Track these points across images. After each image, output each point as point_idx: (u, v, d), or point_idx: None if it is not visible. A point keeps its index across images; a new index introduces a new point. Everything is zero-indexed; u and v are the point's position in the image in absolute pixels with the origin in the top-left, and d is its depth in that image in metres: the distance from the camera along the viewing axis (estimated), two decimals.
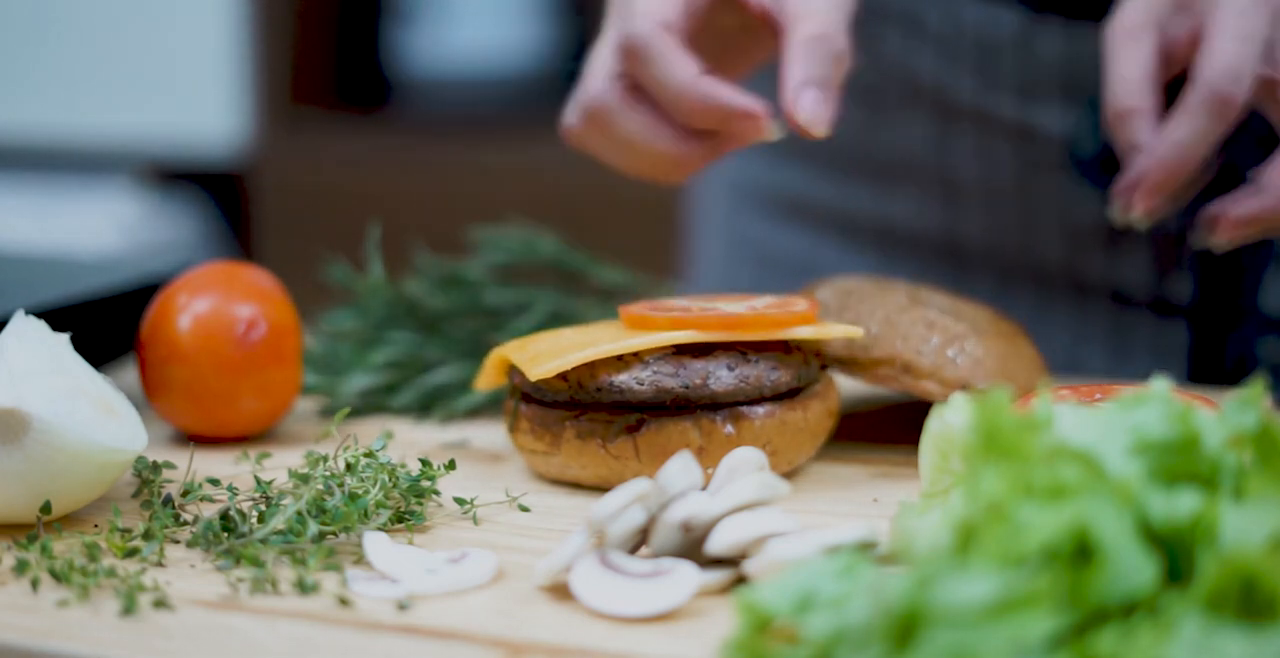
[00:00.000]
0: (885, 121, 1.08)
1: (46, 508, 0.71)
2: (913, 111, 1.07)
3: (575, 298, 0.99)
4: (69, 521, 0.74)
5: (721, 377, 0.77)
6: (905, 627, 0.48)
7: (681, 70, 0.80)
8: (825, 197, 1.13)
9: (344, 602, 0.64)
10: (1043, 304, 1.07)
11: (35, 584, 0.65)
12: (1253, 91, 0.82)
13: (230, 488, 0.74)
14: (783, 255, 1.16)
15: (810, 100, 0.80)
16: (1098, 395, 0.74)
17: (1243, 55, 0.81)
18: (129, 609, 0.63)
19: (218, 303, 0.87)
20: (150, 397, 0.88)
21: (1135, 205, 0.84)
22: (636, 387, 0.77)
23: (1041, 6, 1.00)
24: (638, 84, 0.83)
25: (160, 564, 0.69)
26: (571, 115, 0.86)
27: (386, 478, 0.73)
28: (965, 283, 1.09)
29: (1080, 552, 0.49)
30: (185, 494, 0.76)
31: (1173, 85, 0.85)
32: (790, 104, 0.81)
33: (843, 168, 1.12)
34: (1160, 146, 0.82)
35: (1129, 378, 1.05)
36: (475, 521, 0.74)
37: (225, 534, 0.70)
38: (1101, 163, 1.01)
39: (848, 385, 0.94)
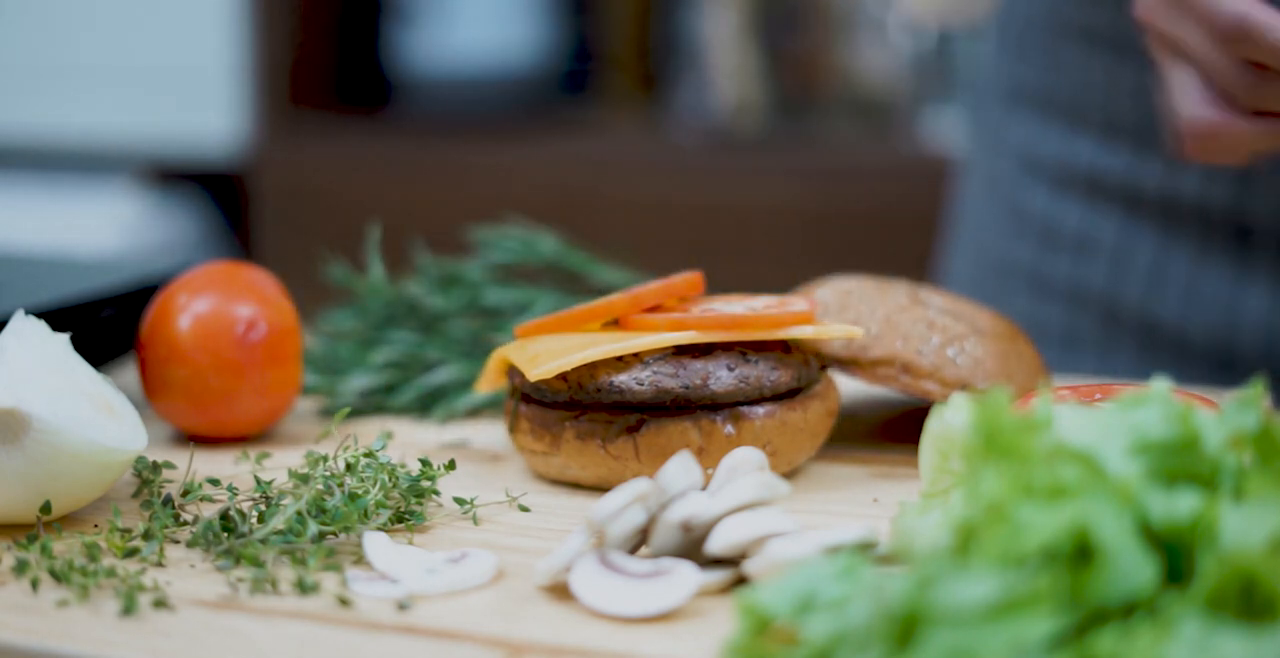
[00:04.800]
0: None
1: (46, 508, 0.71)
2: None
3: (575, 298, 0.99)
4: (69, 521, 0.74)
5: (721, 377, 0.77)
6: (905, 628, 0.48)
7: None
8: (1113, 168, 1.11)
9: (344, 602, 0.64)
10: None
11: (35, 584, 0.65)
12: None
13: (230, 488, 0.74)
14: (1063, 229, 1.14)
15: None
16: (1098, 395, 0.74)
17: None
18: (129, 609, 0.63)
19: (218, 303, 0.87)
20: (150, 397, 0.88)
21: None
22: (636, 387, 0.77)
23: None
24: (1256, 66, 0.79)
25: (160, 564, 0.69)
26: (1193, 116, 0.83)
27: (386, 478, 0.73)
28: (1247, 261, 1.07)
29: (1080, 552, 0.49)
30: (185, 494, 0.76)
31: None
32: None
33: (1138, 139, 1.09)
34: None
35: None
36: (475, 521, 0.74)
37: (225, 534, 0.70)
38: None
39: (848, 385, 0.94)
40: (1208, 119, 0.81)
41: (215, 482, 0.76)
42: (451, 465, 0.76)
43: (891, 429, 0.89)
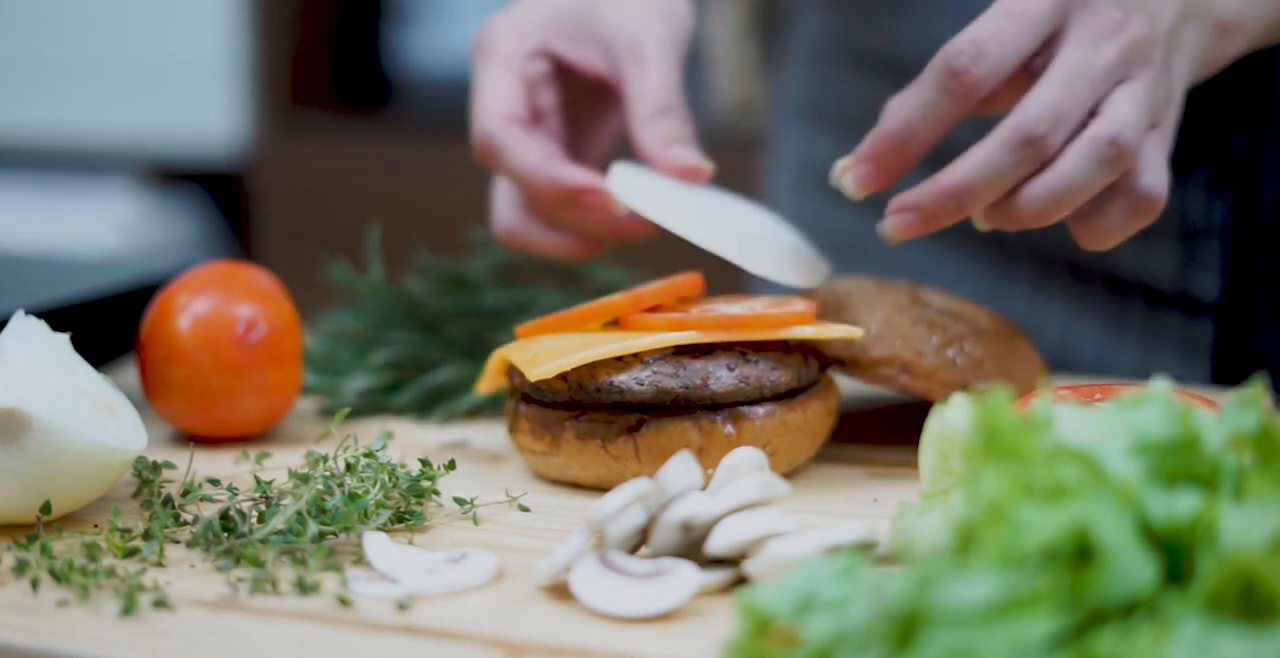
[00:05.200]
0: None
1: (46, 508, 0.71)
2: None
3: (575, 298, 0.99)
4: (69, 521, 0.74)
5: (721, 377, 0.77)
6: (905, 628, 0.48)
7: (528, 156, 0.86)
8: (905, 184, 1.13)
9: (344, 602, 0.64)
10: (1077, 300, 1.07)
11: (35, 584, 0.65)
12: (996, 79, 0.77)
13: (230, 488, 0.74)
14: (840, 238, 1.16)
15: (681, 150, 0.87)
16: (1098, 395, 0.74)
17: (988, 32, 0.76)
18: (129, 609, 0.63)
19: (218, 303, 0.87)
20: (150, 397, 0.88)
21: (852, 174, 0.80)
22: (636, 387, 0.77)
23: None
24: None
25: (160, 564, 0.69)
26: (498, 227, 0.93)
27: (386, 478, 0.73)
28: (1004, 277, 1.09)
29: (1080, 552, 0.49)
30: (185, 494, 0.76)
31: None
32: (664, 162, 0.87)
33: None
34: (887, 119, 0.79)
35: (1157, 376, 1.05)
36: (475, 521, 0.74)
37: (225, 534, 0.70)
38: None
39: (848, 385, 0.94)
40: (507, 223, 0.92)
41: (215, 482, 0.76)
42: (451, 465, 0.76)
43: (891, 429, 0.89)
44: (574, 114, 0.95)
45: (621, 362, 0.78)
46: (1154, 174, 0.77)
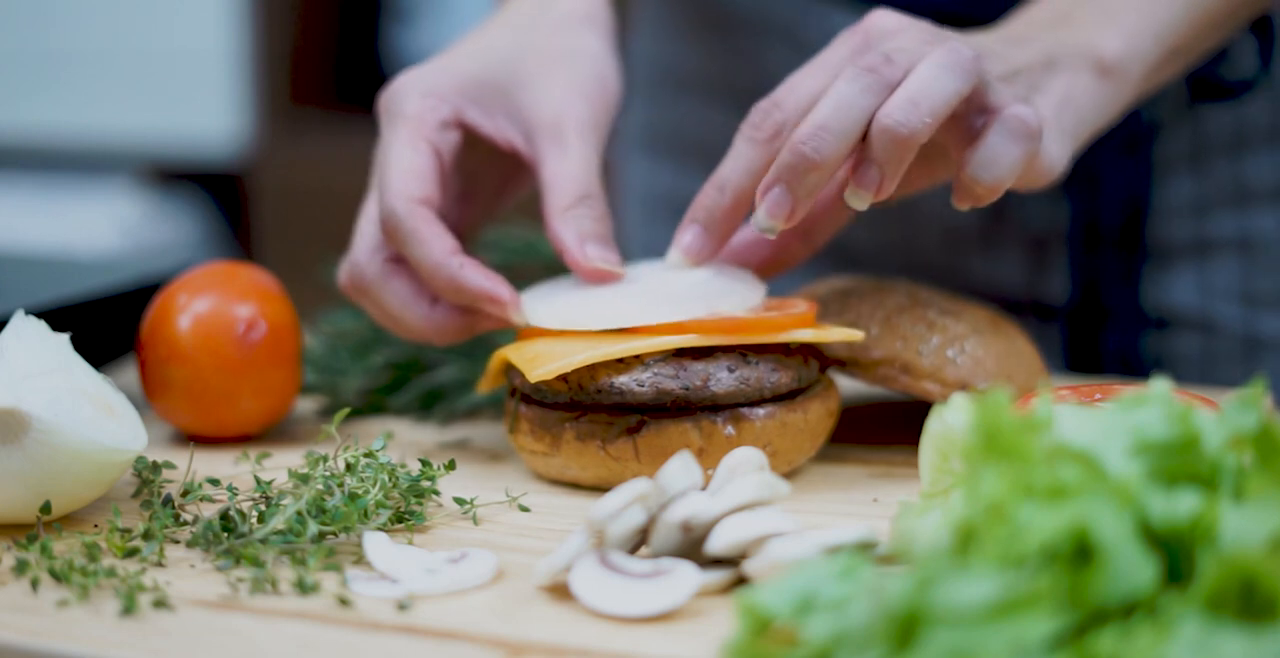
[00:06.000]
0: None
1: (46, 508, 0.71)
2: None
3: None
4: (69, 521, 0.74)
5: (721, 378, 0.77)
6: (905, 628, 0.48)
7: (434, 250, 0.81)
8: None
9: (344, 602, 0.64)
10: None
11: (35, 584, 0.65)
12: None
13: (230, 488, 0.74)
14: None
15: (595, 249, 0.82)
16: (1097, 396, 0.74)
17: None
18: (129, 609, 0.63)
19: (218, 303, 0.87)
20: (150, 397, 0.88)
21: (680, 247, 0.81)
22: (637, 388, 0.77)
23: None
24: (399, 257, 0.84)
25: (160, 564, 0.69)
26: (342, 276, 0.87)
27: (386, 478, 0.73)
28: None
29: (1080, 552, 0.49)
30: (185, 494, 0.76)
31: None
32: (577, 262, 0.81)
33: None
34: (704, 188, 0.80)
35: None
36: (475, 521, 0.74)
37: (225, 534, 0.70)
38: None
39: (848, 385, 0.94)
40: (362, 267, 0.85)
41: (215, 482, 0.76)
42: (451, 465, 0.76)
43: (891, 429, 0.89)
44: (476, 177, 0.91)
45: (622, 363, 0.78)
46: (1021, 103, 0.77)
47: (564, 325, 0.79)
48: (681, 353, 0.78)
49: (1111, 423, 0.54)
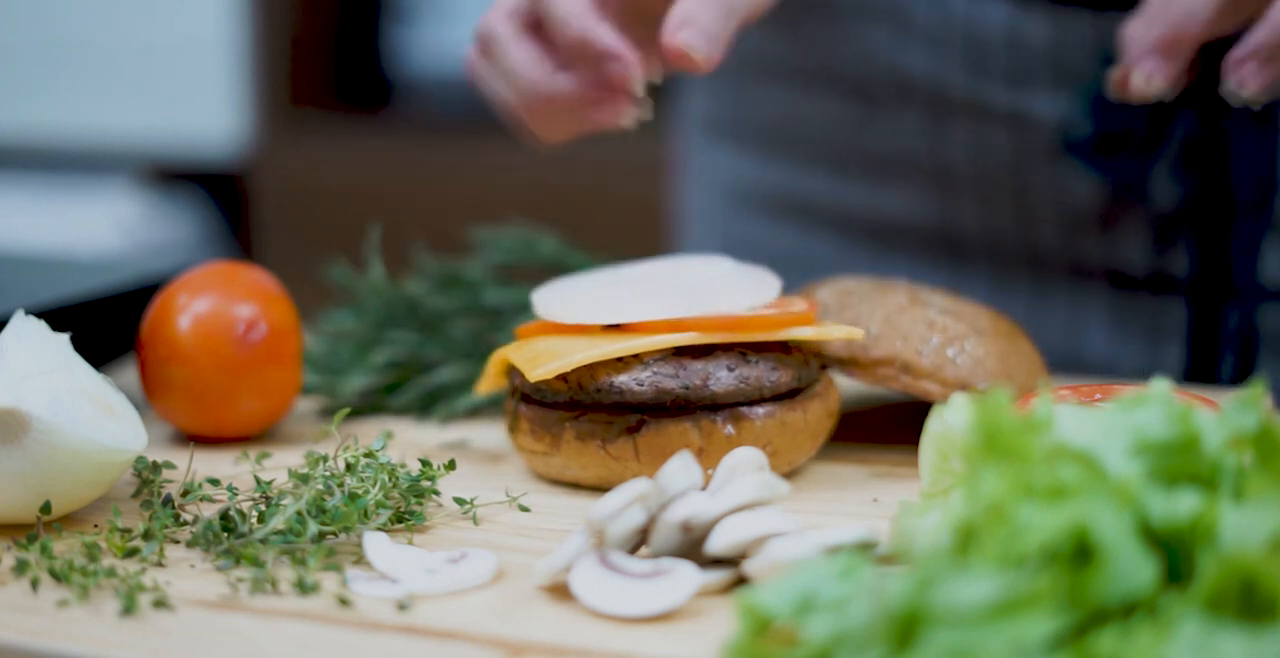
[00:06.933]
0: (877, 116, 1.09)
1: (46, 508, 0.71)
2: (905, 105, 1.07)
3: None
4: (69, 521, 0.74)
5: (721, 378, 0.77)
6: (905, 628, 0.48)
7: (575, 1, 0.81)
8: (820, 193, 1.14)
9: (344, 602, 0.64)
10: (1040, 290, 1.08)
11: (35, 584, 0.65)
12: None
13: (230, 488, 0.74)
14: (780, 255, 1.16)
15: (689, 33, 0.80)
16: (1098, 396, 0.74)
17: None
18: (129, 609, 0.63)
19: (218, 303, 0.87)
20: (150, 397, 0.88)
21: (1148, 72, 0.82)
22: (636, 388, 0.77)
23: None
24: (536, 20, 0.84)
25: (160, 564, 0.69)
26: (470, 45, 0.88)
27: (386, 478, 0.73)
28: (962, 273, 1.09)
29: (1080, 552, 0.49)
30: (185, 494, 0.76)
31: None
32: (669, 35, 0.80)
33: (837, 164, 1.12)
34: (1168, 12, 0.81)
35: (1129, 360, 1.05)
36: (475, 521, 0.74)
37: (225, 534, 0.70)
38: (1095, 145, 1.01)
39: (848, 385, 0.94)
40: (498, 28, 0.85)
41: (215, 482, 0.76)
42: (451, 465, 0.76)
43: (891, 429, 0.89)
44: (647, 24, 0.89)
45: (621, 362, 0.78)
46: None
47: (570, 319, 0.80)
48: (681, 352, 0.78)
49: (1111, 423, 0.54)
